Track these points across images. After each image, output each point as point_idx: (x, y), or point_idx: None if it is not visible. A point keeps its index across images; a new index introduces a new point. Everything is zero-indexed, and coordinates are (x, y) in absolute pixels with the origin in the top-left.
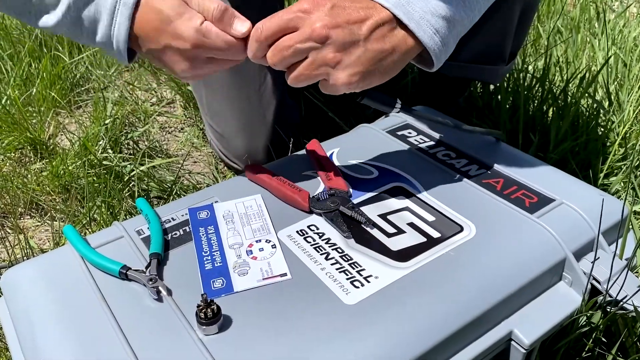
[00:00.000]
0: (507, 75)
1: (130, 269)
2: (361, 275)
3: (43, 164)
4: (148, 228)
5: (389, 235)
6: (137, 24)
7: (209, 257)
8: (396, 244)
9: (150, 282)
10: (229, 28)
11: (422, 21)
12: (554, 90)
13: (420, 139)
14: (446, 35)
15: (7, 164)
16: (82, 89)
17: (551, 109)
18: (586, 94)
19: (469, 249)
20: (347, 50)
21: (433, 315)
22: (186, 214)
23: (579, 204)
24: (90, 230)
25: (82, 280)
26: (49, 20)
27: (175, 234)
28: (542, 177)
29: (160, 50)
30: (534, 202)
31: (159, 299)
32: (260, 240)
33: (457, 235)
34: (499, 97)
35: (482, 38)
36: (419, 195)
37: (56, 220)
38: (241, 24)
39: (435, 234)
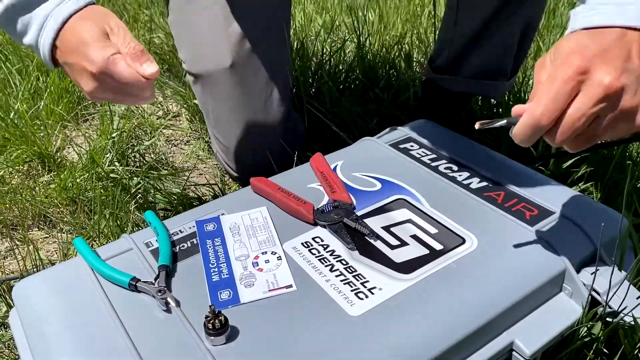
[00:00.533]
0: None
1: (139, 280)
2: (365, 287)
3: (51, 176)
4: (156, 240)
5: (392, 247)
6: (60, 37)
7: (216, 269)
8: (399, 256)
9: (159, 294)
10: (139, 66)
11: None
12: None
13: (423, 152)
14: None
15: (16, 177)
16: (89, 102)
17: None
18: None
19: (471, 261)
20: (637, 90)
21: (436, 326)
22: (193, 226)
23: (579, 217)
24: (97, 242)
25: (93, 291)
26: None
27: (183, 246)
28: (542, 190)
29: (73, 65)
30: (535, 214)
31: (168, 310)
32: (266, 252)
33: (459, 248)
34: (500, 110)
35: (484, 54)
36: (421, 208)
37: (64, 233)
38: (150, 66)
39: (438, 246)
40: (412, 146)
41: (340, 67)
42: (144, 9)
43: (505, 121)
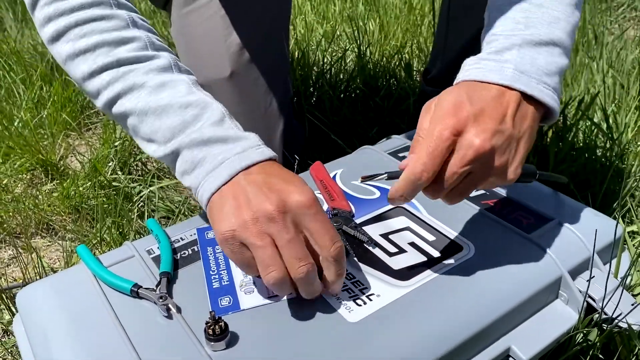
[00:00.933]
0: None
1: (141, 287)
2: (363, 293)
3: (54, 185)
4: (158, 248)
5: (390, 254)
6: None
7: (217, 276)
8: (398, 262)
9: (161, 300)
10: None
11: (541, 86)
12: None
13: None
14: (559, 88)
15: (19, 185)
16: (92, 111)
17: (550, 131)
18: (585, 116)
19: (468, 267)
20: (507, 149)
21: (433, 333)
22: (194, 234)
23: (575, 224)
24: (100, 249)
25: (95, 298)
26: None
27: (184, 253)
28: (539, 197)
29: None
30: (531, 222)
31: (169, 316)
32: None
33: (456, 255)
34: None
35: None
36: (419, 216)
37: (67, 240)
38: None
39: (436, 254)
40: None
41: (341, 77)
42: (147, 18)
43: (385, 175)
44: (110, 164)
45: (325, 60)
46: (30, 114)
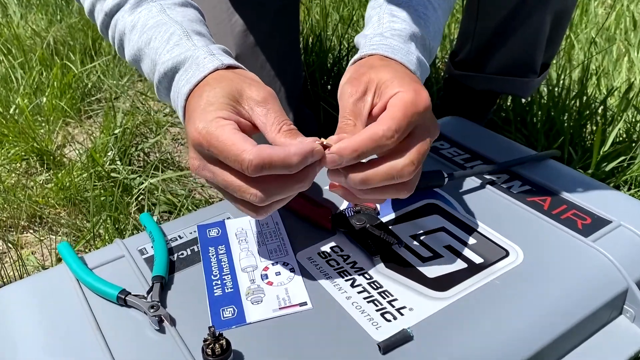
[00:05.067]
0: (539, 88)
1: (129, 293)
2: (393, 306)
3: (49, 175)
4: (152, 247)
5: (423, 259)
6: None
7: (219, 282)
8: (432, 270)
9: (152, 310)
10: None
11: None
12: (592, 104)
13: (454, 151)
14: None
15: (13, 175)
16: (93, 98)
17: (589, 123)
18: (632, 107)
19: (517, 277)
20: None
21: (477, 357)
22: (195, 231)
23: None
24: (94, 246)
25: (76, 305)
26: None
27: (182, 254)
28: (594, 195)
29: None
30: (588, 223)
31: (161, 330)
32: (276, 263)
33: (502, 261)
34: (535, 108)
35: (511, 48)
36: (455, 215)
37: (60, 235)
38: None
39: (478, 259)
40: (442, 145)
41: None
42: None
43: None
44: (109, 154)
45: (342, 46)
46: (28, 100)
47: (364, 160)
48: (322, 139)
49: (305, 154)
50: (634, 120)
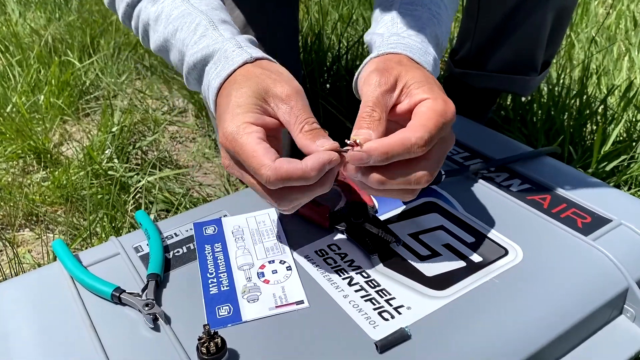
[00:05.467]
0: (539, 86)
1: (124, 291)
2: (391, 305)
3: (46, 173)
4: (147, 244)
5: (421, 258)
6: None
7: (215, 280)
8: (431, 268)
9: (147, 308)
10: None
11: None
12: (592, 103)
13: (454, 149)
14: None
15: (9, 173)
16: (91, 96)
17: (590, 123)
18: (632, 106)
19: (516, 276)
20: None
21: (475, 357)
22: (191, 229)
23: None
24: (91, 244)
25: (70, 303)
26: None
27: (178, 251)
28: (594, 194)
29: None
30: (588, 222)
31: (156, 328)
32: (273, 261)
33: (501, 260)
34: (535, 107)
35: (512, 46)
36: (454, 213)
37: (56, 234)
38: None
39: (476, 258)
40: None
41: (358, 62)
42: None
43: None
44: (106, 152)
45: (341, 45)
46: (25, 98)
47: None
48: (354, 138)
49: (322, 167)
50: (634, 119)
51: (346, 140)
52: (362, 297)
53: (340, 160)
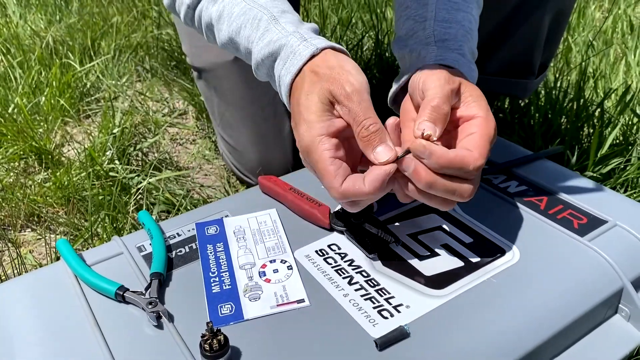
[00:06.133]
0: (537, 89)
1: (128, 290)
2: (390, 303)
3: (47, 174)
4: (150, 244)
5: (420, 257)
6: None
7: (217, 279)
8: (429, 268)
9: (150, 306)
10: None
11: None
12: (589, 106)
13: None
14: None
15: (10, 174)
16: (92, 98)
17: (586, 126)
18: (629, 109)
19: (513, 276)
20: None
21: (473, 354)
22: (193, 229)
23: (636, 226)
24: (92, 245)
25: (74, 301)
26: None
27: (180, 251)
28: (590, 196)
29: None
30: (584, 223)
31: (159, 326)
32: (274, 261)
33: (498, 260)
34: (532, 110)
35: (510, 49)
36: (452, 214)
37: (58, 234)
38: (383, 152)
39: (474, 258)
40: None
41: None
42: (153, 5)
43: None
44: (107, 153)
45: None
46: (27, 99)
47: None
48: (427, 132)
49: (382, 185)
50: (630, 122)
51: (415, 130)
52: (361, 296)
53: (396, 169)
